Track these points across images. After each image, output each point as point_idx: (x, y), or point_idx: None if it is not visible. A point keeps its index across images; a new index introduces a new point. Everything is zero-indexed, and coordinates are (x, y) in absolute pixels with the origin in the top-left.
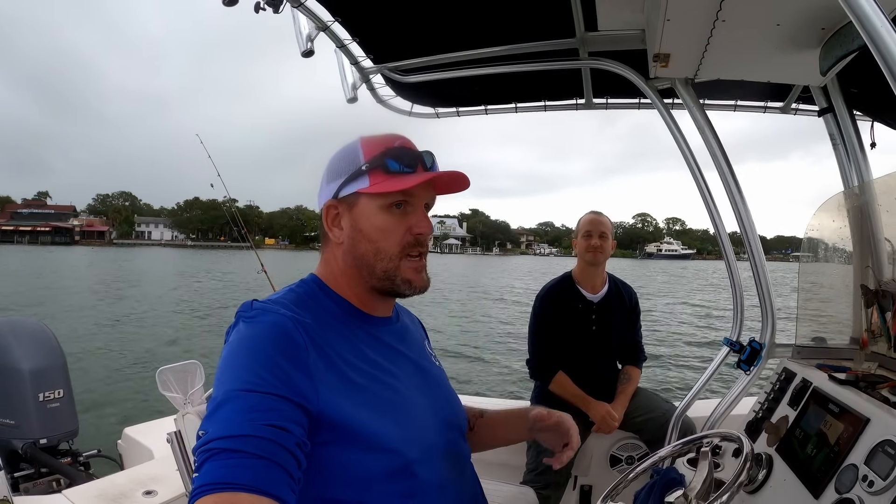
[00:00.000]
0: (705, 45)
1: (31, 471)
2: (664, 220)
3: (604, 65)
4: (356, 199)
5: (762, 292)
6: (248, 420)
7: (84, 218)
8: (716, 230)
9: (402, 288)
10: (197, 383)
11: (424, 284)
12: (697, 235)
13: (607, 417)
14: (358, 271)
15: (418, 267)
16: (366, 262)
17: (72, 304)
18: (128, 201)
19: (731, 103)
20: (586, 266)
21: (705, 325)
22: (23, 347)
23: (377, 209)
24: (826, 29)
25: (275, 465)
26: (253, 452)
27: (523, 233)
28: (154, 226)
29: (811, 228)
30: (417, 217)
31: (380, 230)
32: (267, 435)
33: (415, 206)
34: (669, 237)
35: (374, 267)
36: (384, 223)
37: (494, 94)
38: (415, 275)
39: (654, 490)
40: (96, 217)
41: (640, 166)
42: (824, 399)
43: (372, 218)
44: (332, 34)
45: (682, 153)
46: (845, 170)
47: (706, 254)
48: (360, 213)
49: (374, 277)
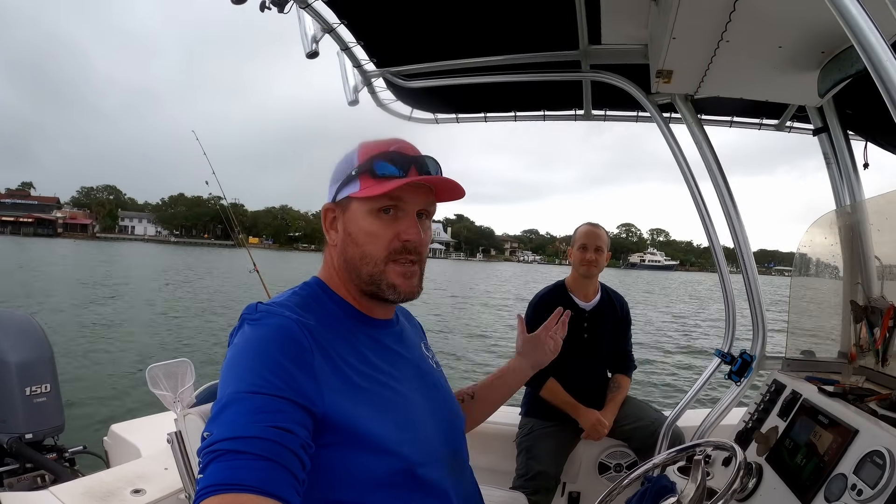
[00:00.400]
0: (708, 64)
1: (15, 466)
2: (648, 230)
3: (605, 78)
4: (349, 202)
5: (754, 305)
6: (253, 422)
7: (68, 210)
8: (710, 243)
9: (387, 293)
10: (187, 381)
11: (411, 291)
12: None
13: (597, 425)
14: (349, 274)
15: (407, 272)
16: (353, 265)
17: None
18: (112, 195)
19: (728, 119)
20: (580, 277)
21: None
22: (9, 340)
23: (365, 213)
24: (826, 52)
25: (279, 466)
26: (258, 454)
27: (508, 240)
28: (138, 220)
29: (803, 244)
30: (407, 223)
31: (367, 234)
32: (272, 437)
33: (406, 211)
34: (653, 248)
35: (361, 270)
36: (370, 227)
37: (494, 102)
38: (401, 280)
39: (645, 497)
40: (80, 210)
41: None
42: (814, 410)
43: (360, 221)
44: (337, 36)
45: (680, 166)
46: (838, 188)
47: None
48: (351, 217)
49: (361, 281)
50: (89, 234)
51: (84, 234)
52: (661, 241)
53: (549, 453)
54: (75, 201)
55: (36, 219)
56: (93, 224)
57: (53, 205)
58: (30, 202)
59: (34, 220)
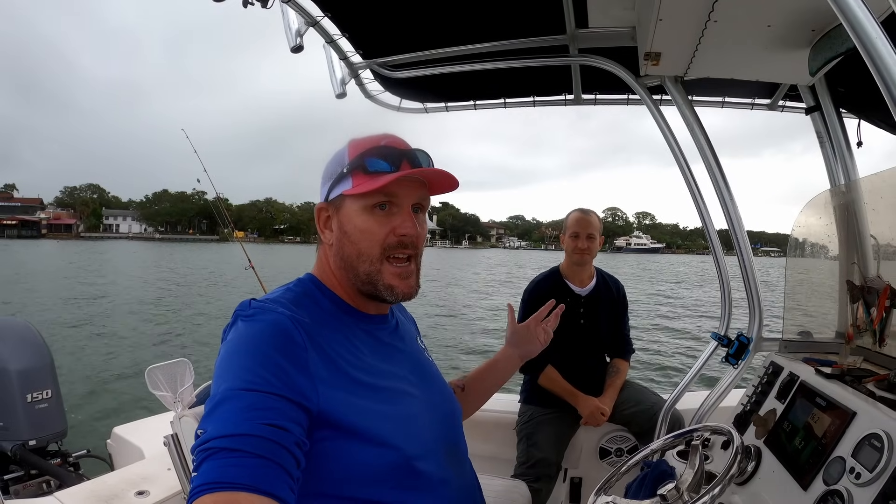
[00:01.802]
0: (696, 45)
1: (20, 473)
2: (634, 214)
3: (594, 62)
4: (342, 201)
5: (749, 287)
6: (246, 419)
7: (51, 211)
8: (703, 225)
9: (384, 293)
10: (186, 381)
11: (409, 291)
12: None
13: (596, 412)
14: (346, 273)
15: (403, 272)
16: (350, 264)
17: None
18: (96, 193)
19: (719, 100)
20: (573, 264)
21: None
22: (8, 348)
23: (359, 210)
24: (816, 30)
25: (274, 464)
26: (252, 451)
27: (494, 226)
28: (122, 218)
29: (798, 225)
30: (402, 218)
31: (362, 231)
32: (266, 434)
33: (401, 206)
34: (639, 231)
35: (358, 269)
36: (365, 224)
37: (483, 90)
38: (398, 280)
39: (645, 482)
40: (64, 210)
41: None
42: (811, 393)
43: (354, 219)
44: (322, 29)
45: (671, 149)
46: (832, 167)
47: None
48: (345, 215)
49: (358, 280)
50: (73, 234)
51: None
52: (647, 225)
53: (549, 440)
54: (59, 201)
55: (20, 220)
56: (77, 224)
57: (37, 206)
58: (13, 204)
59: (18, 221)
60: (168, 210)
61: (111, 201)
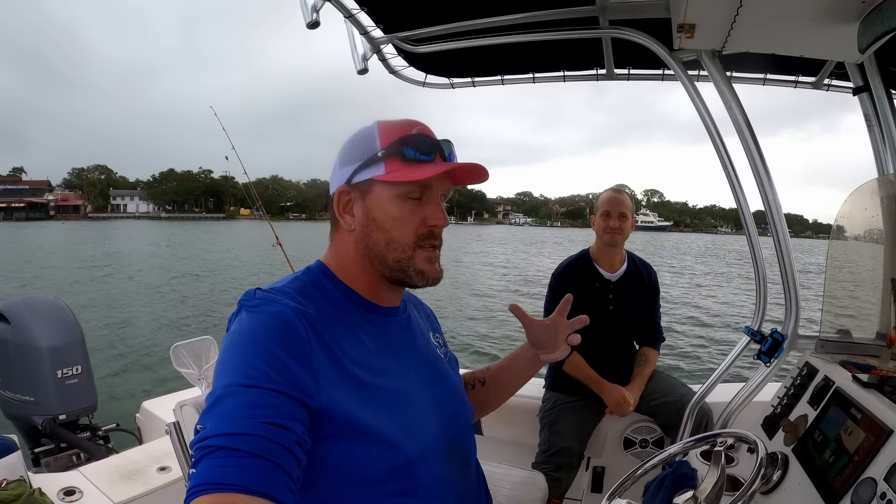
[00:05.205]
0: (734, 16)
1: (51, 446)
2: (642, 191)
3: (625, 34)
4: (370, 186)
5: (786, 279)
6: (246, 417)
7: (59, 192)
8: (738, 207)
9: (415, 279)
10: (211, 359)
11: (437, 276)
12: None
13: (622, 402)
14: (369, 260)
15: (431, 257)
16: (377, 251)
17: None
18: (103, 174)
19: (761, 76)
20: (604, 245)
21: None
22: (40, 325)
23: (392, 198)
24: (866, 2)
25: (273, 464)
26: (250, 451)
27: (500, 202)
28: (129, 198)
29: (842, 215)
30: (433, 208)
31: (394, 219)
32: (265, 433)
33: (431, 196)
34: (646, 209)
35: (387, 257)
36: (399, 213)
37: (511, 64)
38: (428, 265)
39: (664, 485)
40: (71, 191)
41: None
42: (846, 402)
43: (386, 206)
44: (339, 3)
45: (707, 128)
46: (880, 154)
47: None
48: (374, 201)
49: (385, 268)
50: (81, 215)
51: (76, 215)
52: (655, 202)
53: (572, 429)
54: (67, 183)
55: (28, 203)
56: (84, 205)
57: (45, 188)
58: (21, 187)
59: (26, 204)
60: (175, 189)
61: (119, 181)
